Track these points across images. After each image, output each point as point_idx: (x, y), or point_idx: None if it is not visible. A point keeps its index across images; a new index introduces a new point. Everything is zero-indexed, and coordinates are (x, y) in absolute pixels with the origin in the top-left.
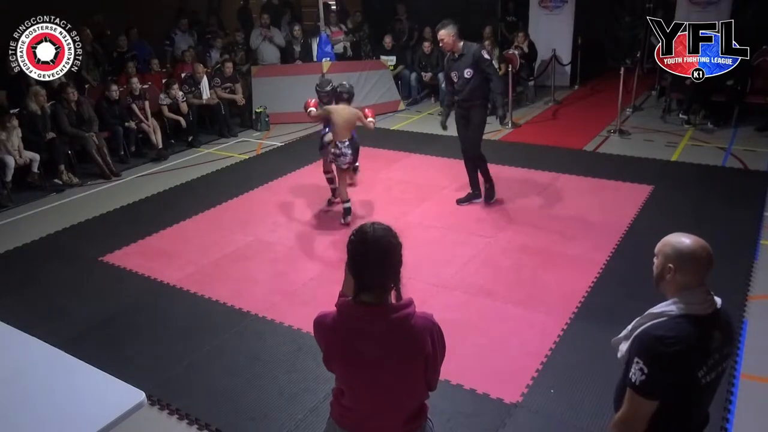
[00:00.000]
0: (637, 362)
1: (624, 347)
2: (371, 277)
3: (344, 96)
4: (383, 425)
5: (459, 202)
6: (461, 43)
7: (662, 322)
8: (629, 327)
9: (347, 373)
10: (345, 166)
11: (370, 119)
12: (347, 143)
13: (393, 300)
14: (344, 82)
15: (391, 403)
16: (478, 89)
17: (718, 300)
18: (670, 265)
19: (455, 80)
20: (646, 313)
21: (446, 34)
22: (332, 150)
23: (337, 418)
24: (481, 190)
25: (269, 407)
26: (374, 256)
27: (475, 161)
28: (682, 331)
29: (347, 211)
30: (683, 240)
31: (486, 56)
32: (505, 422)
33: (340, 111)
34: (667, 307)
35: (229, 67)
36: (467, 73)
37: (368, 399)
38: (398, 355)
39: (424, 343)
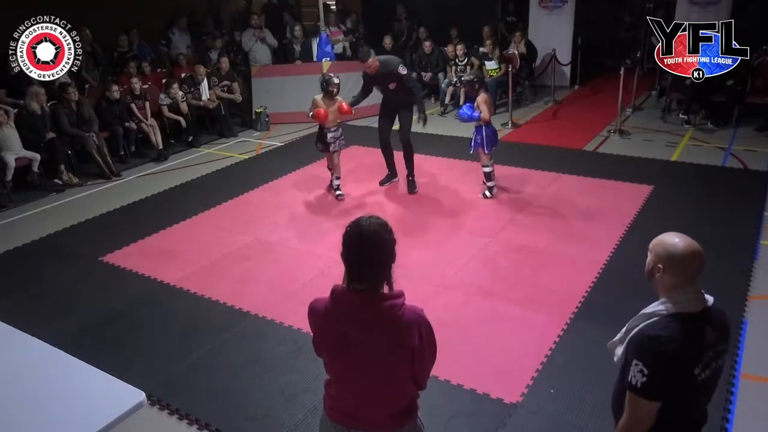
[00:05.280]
0: (636, 364)
1: (620, 351)
2: (361, 269)
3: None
4: (369, 417)
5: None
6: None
7: (655, 322)
8: (623, 330)
9: (334, 358)
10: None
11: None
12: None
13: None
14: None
15: (376, 394)
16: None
17: (709, 298)
18: (660, 265)
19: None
20: (639, 314)
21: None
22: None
23: (327, 411)
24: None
25: (269, 407)
26: (366, 251)
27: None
28: (675, 329)
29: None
30: (676, 241)
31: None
32: (505, 422)
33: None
34: (657, 307)
35: (225, 62)
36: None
37: (354, 387)
38: (383, 343)
39: (410, 335)
